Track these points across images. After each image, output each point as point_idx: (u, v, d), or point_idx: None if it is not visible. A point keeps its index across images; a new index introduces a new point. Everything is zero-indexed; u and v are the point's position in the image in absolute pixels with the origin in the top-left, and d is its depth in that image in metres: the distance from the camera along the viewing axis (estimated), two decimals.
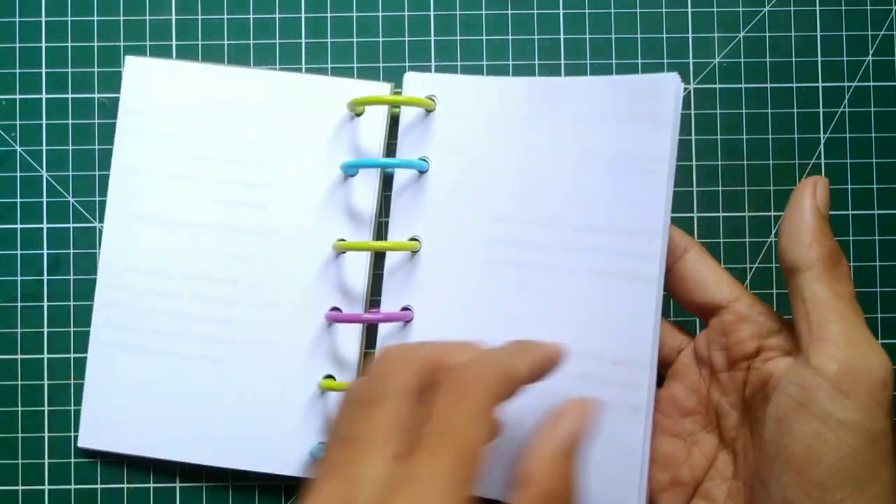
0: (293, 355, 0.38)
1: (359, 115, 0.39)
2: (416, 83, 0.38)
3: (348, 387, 0.29)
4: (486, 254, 0.37)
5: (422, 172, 0.38)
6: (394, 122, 0.39)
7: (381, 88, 0.39)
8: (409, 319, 0.38)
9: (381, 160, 0.38)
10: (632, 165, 0.34)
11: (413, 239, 0.38)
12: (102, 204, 0.40)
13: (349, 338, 0.38)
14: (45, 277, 0.40)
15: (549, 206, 0.36)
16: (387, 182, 0.39)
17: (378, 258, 0.39)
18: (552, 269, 0.35)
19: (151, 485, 0.39)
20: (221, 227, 0.38)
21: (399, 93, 0.39)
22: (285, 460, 0.38)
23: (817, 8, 0.40)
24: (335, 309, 0.38)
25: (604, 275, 0.34)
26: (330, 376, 0.38)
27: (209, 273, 0.38)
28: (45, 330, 0.39)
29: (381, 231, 0.39)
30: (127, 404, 0.38)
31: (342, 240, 0.38)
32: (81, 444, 0.39)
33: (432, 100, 0.38)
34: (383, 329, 0.38)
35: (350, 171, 0.38)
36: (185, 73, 0.39)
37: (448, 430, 0.26)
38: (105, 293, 0.39)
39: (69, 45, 0.40)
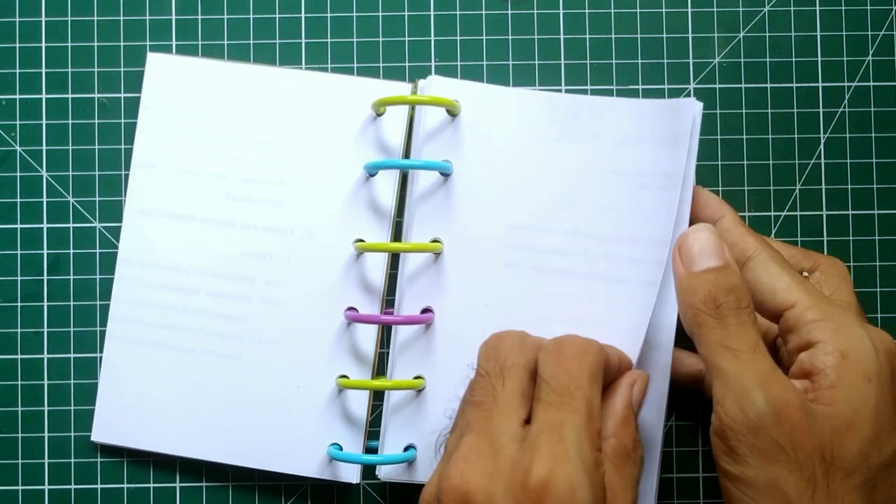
0: (309, 354, 0.38)
1: (380, 114, 0.39)
2: (439, 87, 0.38)
3: (480, 360, 0.33)
4: (508, 258, 0.37)
5: (445, 175, 0.38)
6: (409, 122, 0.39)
7: (403, 88, 0.39)
8: (429, 322, 0.38)
9: (406, 161, 0.38)
10: (649, 182, 0.36)
11: (435, 241, 0.38)
12: (102, 204, 0.40)
13: (366, 337, 0.38)
14: (45, 277, 0.40)
15: (570, 216, 0.37)
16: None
17: (393, 258, 0.39)
18: (572, 274, 0.37)
19: (151, 485, 0.39)
20: (240, 224, 0.38)
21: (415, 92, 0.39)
22: (301, 460, 0.38)
23: (817, 8, 0.40)
24: (351, 308, 0.38)
25: (623, 281, 0.36)
26: (344, 376, 0.38)
27: (226, 270, 0.38)
28: (45, 330, 0.39)
29: (396, 231, 0.39)
30: (141, 400, 0.38)
31: (361, 240, 0.38)
32: (95, 438, 0.39)
33: (456, 103, 0.38)
34: (404, 331, 0.38)
35: (373, 171, 0.38)
36: (207, 71, 0.39)
37: (573, 388, 0.30)
38: (122, 288, 0.39)
39: (69, 45, 0.40)
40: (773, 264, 0.32)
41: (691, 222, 0.35)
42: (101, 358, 0.39)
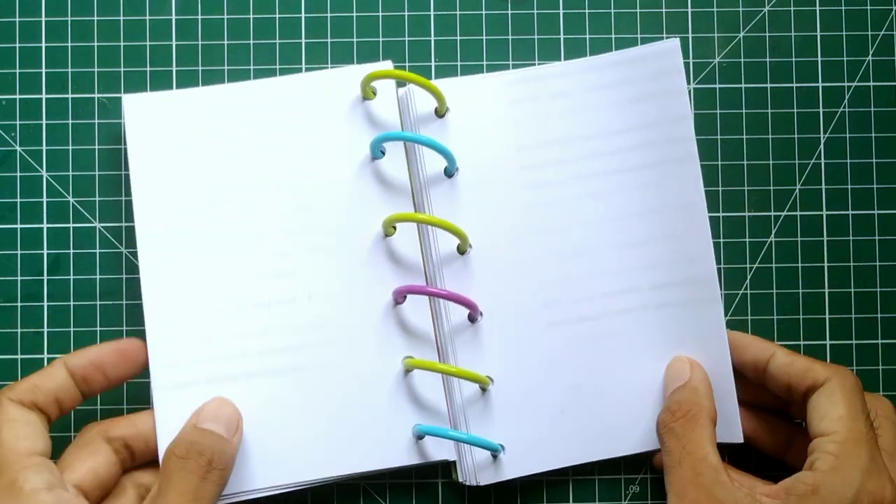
0: (367, 345, 0.37)
1: (368, 98, 0.38)
2: (422, 93, 0.38)
3: None
4: (536, 237, 0.38)
5: (449, 176, 0.38)
6: None
7: (383, 66, 0.38)
8: (475, 318, 0.38)
9: (410, 134, 0.38)
10: (661, 135, 0.38)
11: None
12: (102, 204, 0.40)
13: (419, 312, 0.38)
14: (45, 277, 0.40)
15: (582, 176, 0.38)
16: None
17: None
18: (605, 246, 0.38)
19: None
20: (263, 237, 0.38)
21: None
22: (389, 452, 0.37)
23: (817, 8, 0.40)
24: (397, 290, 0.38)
25: (636, 214, 0.38)
26: (408, 356, 0.38)
27: (264, 286, 0.38)
28: (45, 330, 0.39)
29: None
30: None
31: (389, 218, 0.37)
32: None
33: (443, 96, 0.38)
34: (455, 320, 0.38)
35: (377, 151, 0.38)
36: (186, 101, 0.38)
37: None
38: (157, 334, 0.37)
39: (69, 45, 0.40)
40: (837, 393, 0.34)
41: (735, 366, 0.37)
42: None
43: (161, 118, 0.38)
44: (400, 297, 0.37)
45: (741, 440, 0.37)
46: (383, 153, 0.38)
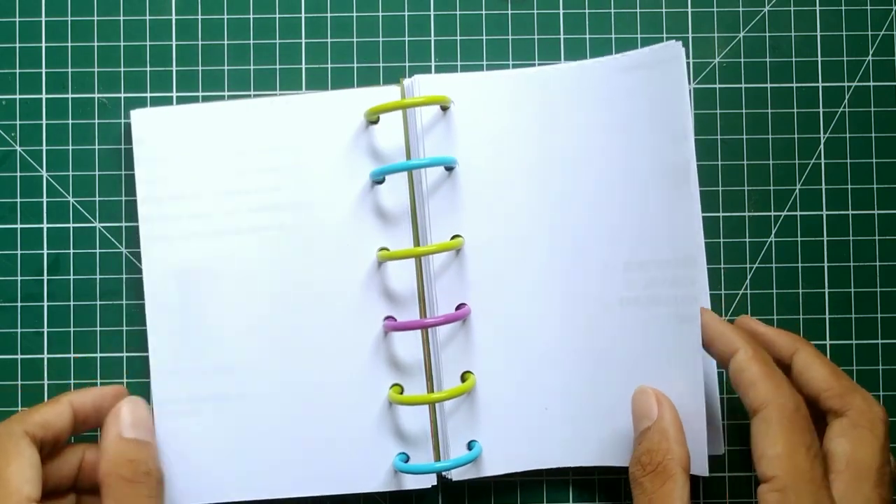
0: (354, 371, 0.38)
1: (373, 122, 0.38)
2: (427, 85, 0.38)
3: None
4: (530, 236, 0.38)
5: (448, 170, 0.38)
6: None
7: (389, 92, 0.38)
8: (466, 316, 0.38)
9: (411, 162, 0.37)
10: (656, 139, 0.36)
11: (455, 236, 0.38)
12: (102, 204, 0.40)
13: (409, 344, 0.38)
14: (45, 277, 0.40)
15: (579, 179, 0.38)
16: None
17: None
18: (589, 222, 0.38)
19: None
20: (259, 258, 0.38)
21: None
22: (369, 478, 0.38)
23: (817, 8, 0.40)
24: (389, 318, 0.38)
25: (632, 220, 0.37)
26: (396, 384, 0.38)
27: (256, 308, 0.38)
28: (45, 330, 0.39)
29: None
30: (207, 457, 0.38)
31: (384, 248, 0.38)
32: None
33: (448, 98, 0.38)
34: (443, 330, 0.38)
35: (378, 178, 0.38)
36: (192, 116, 0.38)
37: None
38: (160, 357, 0.38)
39: (69, 45, 0.40)
40: (773, 426, 0.31)
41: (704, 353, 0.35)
42: (100, 358, 0.39)
43: (167, 133, 0.38)
44: (392, 327, 0.38)
45: (706, 474, 0.35)
46: (384, 179, 0.38)
